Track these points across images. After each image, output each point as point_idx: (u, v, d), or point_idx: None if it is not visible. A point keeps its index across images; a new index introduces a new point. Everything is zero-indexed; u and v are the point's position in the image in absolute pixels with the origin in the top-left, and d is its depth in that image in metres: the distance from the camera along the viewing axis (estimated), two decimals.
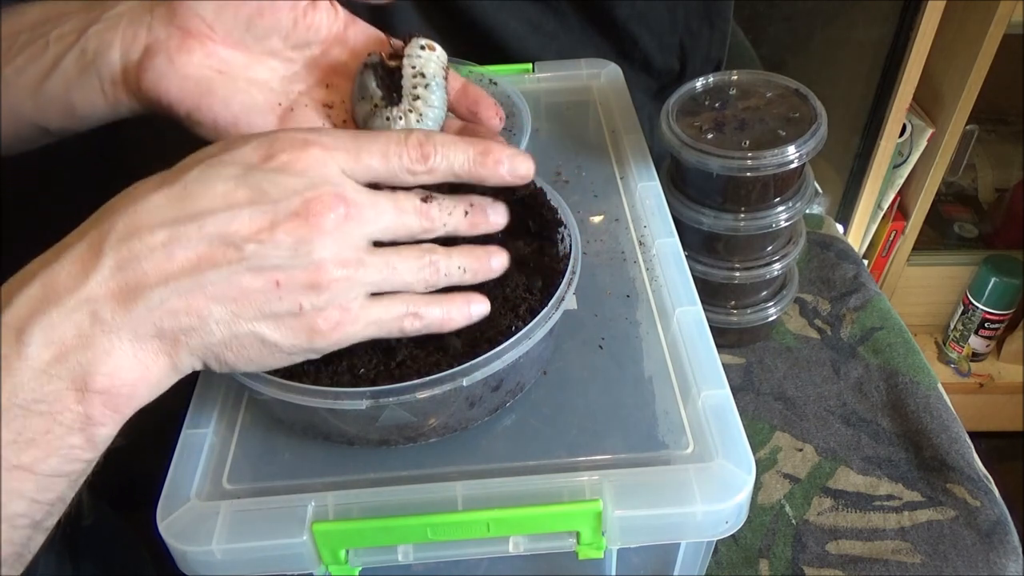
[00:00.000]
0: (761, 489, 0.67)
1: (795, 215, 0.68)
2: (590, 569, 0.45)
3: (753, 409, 0.73)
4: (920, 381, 0.74)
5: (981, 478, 0.67)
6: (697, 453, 0.42)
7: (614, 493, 0.39)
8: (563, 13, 0.75)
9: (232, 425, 0.44)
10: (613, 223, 0.56)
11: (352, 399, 0.38)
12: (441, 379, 0.38)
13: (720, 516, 0.40)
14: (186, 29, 0.40)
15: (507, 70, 0.72)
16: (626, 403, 0.44)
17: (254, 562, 0.39)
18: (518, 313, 0.41)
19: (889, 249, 1.34)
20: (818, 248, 0.92)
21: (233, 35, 0.41)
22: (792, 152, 0.63)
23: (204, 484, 0.41)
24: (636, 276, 0.52)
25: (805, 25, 1.15)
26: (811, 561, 0.62)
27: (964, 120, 1.15)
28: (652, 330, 0.48)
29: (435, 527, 0.39)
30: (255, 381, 0.39)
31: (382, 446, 0.43)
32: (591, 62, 0.73)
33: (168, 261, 0.31)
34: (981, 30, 1.05)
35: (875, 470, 0.68)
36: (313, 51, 0.43)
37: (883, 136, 1.17)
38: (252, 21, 0.40)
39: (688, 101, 0.70)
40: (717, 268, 0.72)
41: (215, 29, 0.40)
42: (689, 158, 0.64)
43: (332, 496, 0.40)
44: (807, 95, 0.68)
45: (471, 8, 0.71)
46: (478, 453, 0.42)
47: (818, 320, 0.83)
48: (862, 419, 0.72)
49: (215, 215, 0.31)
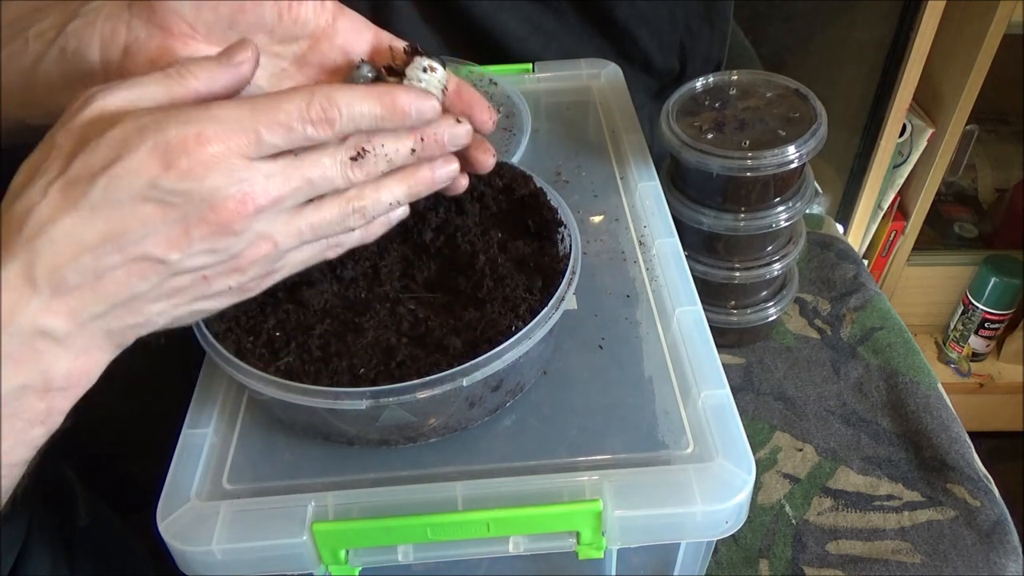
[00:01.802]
0: (761, 489, 0.67)
1: (795, 215, 0.68)
2: (590, 569, 0.45)
3: (753, 409, 0.73)
4: (920, 381, 0.74)
5: (981, 478, 0.67)
6: (697, 453, 0.42)
7: (614, 493, 0.39)
8: (563, 13, 0.75)
9: (232, 425, 0.44)
10: (613, 223, 0.56)
11: (352, 399, 0.38)
12: (441, 379, 0.38)
13: (720, 516, 0.40)
14: (166, 28, 0.38)
15: (507, 70, 0.72)
16: (626, 403, 0.44)
17: (254, 562, 0.39)
18: (518, 313, 0.41)
19: (889, 249, 1.34)
20: (818, 248, 0.92)
21: (215, 32, 0.39)
22: (792, 152, 0.63)
23: (204, 484, 0.41)
24: (636, 276, 0.52)
25: (805, 25, 1.15)
26: (811, 561, 0.62)
27: (964, 120, 1.15)
28: (652, 330, 0.48)
29: (435, 527, 0.39)
30: (255, 381, 0.39)
31: (382, 446, 0.43)
32: (591, 62, 0.73)
33: (101, 285, 0.32)
34: (981, 30, 1.05)
35: (875, 470, 0.68)
36: (301, 46, 0.42)
37: (883, 136, 1.17)
38: (234, 17, 0.39)
39: (688, 101, 0.70)
40: (717, 268, 0.72)
41: (196, 28, 0.38)
42: (689, 158, 0.64)
43: (332, 496, 0.40)
44: (807, 95, 0.68)
45: (471, 8, 0.71)
46: (478, 453, 0.42)
47: (818, 320, 0.83)
48: (862, 419, 0.72)
49: (131, 236, 0.32)
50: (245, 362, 0.40)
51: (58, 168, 0.32)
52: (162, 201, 0.31)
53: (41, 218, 0.31)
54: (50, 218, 0.31)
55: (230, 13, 0.38)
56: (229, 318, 0.43)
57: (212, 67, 0.35)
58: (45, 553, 0.47)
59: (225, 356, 0.40)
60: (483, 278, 0.44)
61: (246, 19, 0.39)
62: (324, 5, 0.41)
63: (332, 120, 0.34)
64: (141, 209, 0.31)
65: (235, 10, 0.38)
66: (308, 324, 0.42)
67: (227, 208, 0.32)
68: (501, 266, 0.44)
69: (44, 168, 0.32)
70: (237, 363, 0.40)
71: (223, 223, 0.32)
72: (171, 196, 0.31)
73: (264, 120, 0.32)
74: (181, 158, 0.31)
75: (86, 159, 0.31)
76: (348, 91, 0.34)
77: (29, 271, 0.31)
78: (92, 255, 0.32)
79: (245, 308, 0.42)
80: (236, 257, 0.34)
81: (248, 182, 0.33)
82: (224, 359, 0.40)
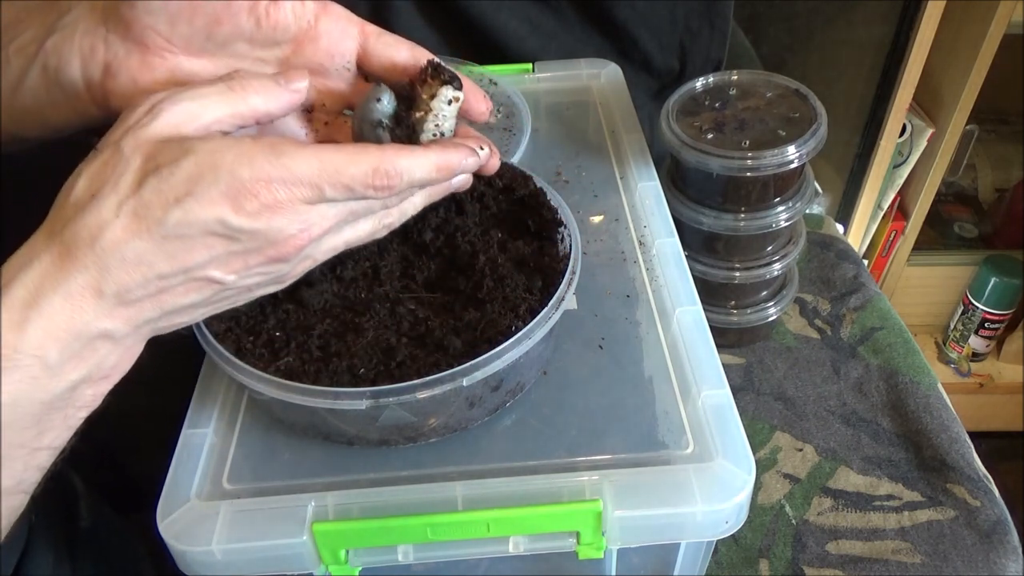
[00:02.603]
0: (761, 489, 0.67)
1: (795, 215, 0.68)
2: (590, 569, 0.45)
3: (753, 409, 0.73)
4: (920, 381, 0.74)
5: (981, 478, 0.67)
6: (697, 453, 0.42)
7: (614, 493, 0.39)
8: (563, 13, 0.75)
9: (232, 425, 0.45)
10: (613, 223, 0.56)
11: (352, 399, 0.38)
12: (441, 379, 0.38)
13: (720, 516, 0.40)
14: (143, 44, 0.38)
15: (507, 70, 0.72)
16: (626, 403, 0.44)
17: (254, 562, 0.39)
18: (518, 313, 0.41)
19: (889, 249, 1.34)
20: (818, 248, 0.92)
21: (194, 45, 0.39)
22: (792, 152, 0.63)
23: (204, 484, 0.41)
24: (636, 276, 0.52)
25: (805, 25, 1.15)
26: (811, 561, 0.62)
27: (964, 120, 1.15)
28: (652, 330, 0.48)
29: (435, 527, 0.39)
30: (255, 381, 0.39)
31: (382, 446, 0.43)
32: (591, 62, 0.73)
33: (162, 298, 0.35)
34: (981, 30, 1.05)
35: (875, 470, 0.68)
36: (284, 50, 0.41)
37: (883, 136, 1.17)
38: (210, 30, 0.38)
39: (688, 101, 0.70)
40: (717, 268, 0.72)
41: (173, 41, 0.38)
42: (689, 158, 0.64)
43: (332, 496, 0.40)
44: (807, 95, 0.68)
45: (471, 8, 0.71)
46: (478, 453, 0.42)
47: (818, 320, 0.83)
48: (862, 419, 0.72)
49: (196, 263, 0.34)
50: (245, 362, 0.40)
51: (130, 187, 0.33)
52: (228, 236, 0.34)
53: (115, 238, 0.33)
54: (123, 240, 0.33)
55: (206, 25, 0.38)
56: (229, 318, 0.42)
57: (272, 87, 0.37)
58: (47, 553, 0.47)
59: (225, 356, 0.40)
60: (483, 278, 0.43)
61: (223, 31, 0.39)
62: (304, 6, 0.40)
63: (392, 187, 0.36)
64: (208, 240, 0.34)
65: (211, 22, 0.38)
66: (308, 324, 0.42)
67: (287, 244, 0.35)
68: (501, 266, 0.44)
69: (114, 181, 0.33)
70: (237, 363, 0.40)
71: (281, 255, 0.36)
72: (237, 233, 0.34)
73: (330, 180, 0.34)
74: (251, 201, 0.33)
75: (159, 187, 0.33)
76: (410, 160, 0.37)
77: (98, 284, 0.33)
78: (158, 276, 0.34)
79: (245, 308, 0.42)
80: (283, 275, 0.38)
81: (307, 222, 0.35)
82: (224, 359, 0.40)
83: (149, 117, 0.34)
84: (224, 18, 0.38)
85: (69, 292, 0.33)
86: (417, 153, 0.37)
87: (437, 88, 0.39)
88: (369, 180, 0.35)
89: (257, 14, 0.39)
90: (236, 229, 0.34)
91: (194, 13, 0.37)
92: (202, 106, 0.35)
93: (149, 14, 0.37)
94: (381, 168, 0.35)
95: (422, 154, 0.37)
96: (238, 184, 0.33)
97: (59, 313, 0.33)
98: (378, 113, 0.39)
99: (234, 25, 0.38)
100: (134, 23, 0.37)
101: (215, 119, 0.35)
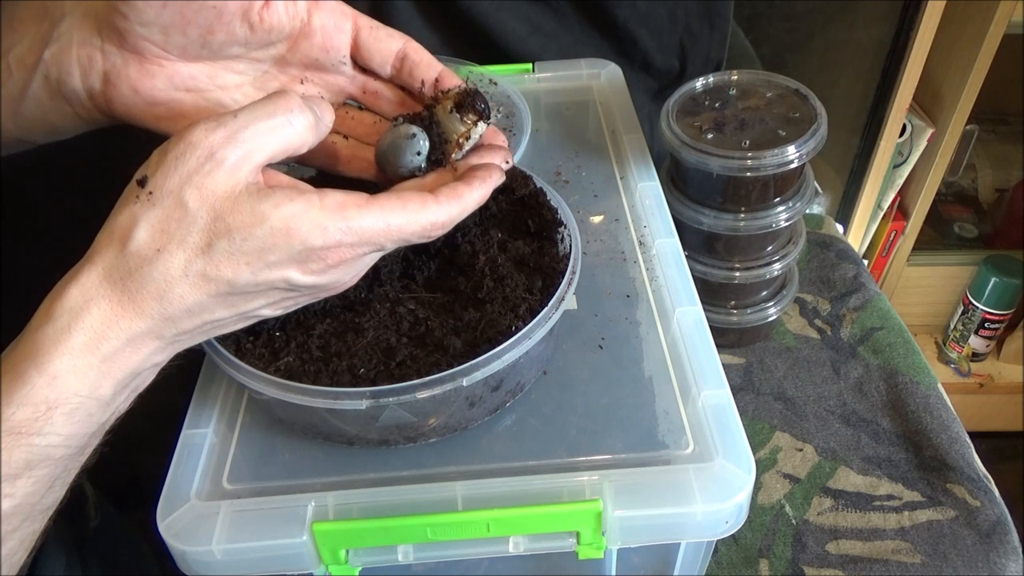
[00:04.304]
0: (761, 489, 0.67)
1: (795, 215, 0.68)
2: (590, 569, 0.45)
3: (753, 409, 0.73)
4: (920, 381, 0.74)
5: (981, 478, 0.67)
6: (697, 453, 0.42)
7: (614, 493, 0.39)
8: (563, 13, 0.75)
9: (232, 425, 0.45)
10: (613, 223, 0.56)
11: (352, 399, 0.38)
12: (441, 379, 0.38)
13: (720, 516, 0.40)
14: (140, 53, 0.38)
15: (507, 70, 0.72)
16: (626, 403, 0.44)
17: (254, 562, 0.39)
18: (518, 313, 0.41)
19: (889, 249, 1.34)
20: (818, 248, 0.92)
21: (190, 52, 0.39)
22: (792, 152, 0.63)
23: (204, 484, 0.41)
24: (636, 276, 0.52)
25: (805, 25, 1.15)
26: (811, 561, 0.62)
27: (964, 120, 1.15)
28: (652, 330, 0.48)
29: (435, 527, 0.39)
30: (255, 381, 0.39)
31: (382, 446, 0.43)
32: (591, 62, 0.73)
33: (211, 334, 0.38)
34: (981, 30, 1.05)
35: (875, 470, 0.68)
36: (279, 49, 0.41)
37: (883, 136, 1.17)
38: (205, 38, 0.38)
39: (688, 101, 0.70)
40: (717, 268, 0.72)
41: (169, 50, 0.38)
42: (689, 158, 0.64)
43: (332, 496, 0.40)
44: (807, 95, 0.68)
45: (471, 8, 0.71)
46: (478, 453, 0.42)
47: (818, 320, 0.83)
48: (862, 419, 0.72)
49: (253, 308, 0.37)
50: (245, 362, 0.40)
51: (198, 247, 0.33)
52: (289, 289, 0.36)
53: (183, 294, 0.34)
54: (190, 296, 0.34)
55: (200, 34, 0.38)
56: None
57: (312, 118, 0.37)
58: (59, 553, 0.48)
59: (225, 356, 0.40)
60: (483, 278, 0.43)
61: (217, 38, 0.39)
62: (296, 4, 0.40)
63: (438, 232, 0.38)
64: (269, 293, 0.36)
65: (205, 31, 0.38)
66: (308, 324, 0.42)
67: (338, 286, 0.38)
68: (501, 266, 0.44)
69: (180, 237, 0.33)
70: (237, 363, 0.40)
71: (329, 291, 0.39)
72: (299, 287, 0.36)
73: (392, 238, 0.36)
74: (318, 263, 0.35)
75: (231, 250, 0.34)
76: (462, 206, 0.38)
77: (160, 331, 0.35)
78: (216, 320, 0.36)
79: None
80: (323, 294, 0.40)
81: (361, 267, 0.38)
82: (224, 359, 0.40)
83: (211, 165, 0.33)
84: (217, 26, 0.38)
85: (132, 339, 0.34)
86: (464, 198, 0.38)
87: (472, 123, 0.41)
88: (426, 232, 0.37)
89: (250, 19, 0.39)
90: (299, 285, 0.36)
91: (187, 24, 0.37)
92: (259, 145, 0.34)
93: (142, 26, 0.37)
94: (439, 222, 0.37)
95: (467, 194, 0.38)
96: (309, 251, 0.34)
97: (122, 358, 0.34)
98: (417, 160, 0.41)
99: (228, 32, 0.39)
100: (128, 34, 0.37)
101: (268, 157, 0.35)
